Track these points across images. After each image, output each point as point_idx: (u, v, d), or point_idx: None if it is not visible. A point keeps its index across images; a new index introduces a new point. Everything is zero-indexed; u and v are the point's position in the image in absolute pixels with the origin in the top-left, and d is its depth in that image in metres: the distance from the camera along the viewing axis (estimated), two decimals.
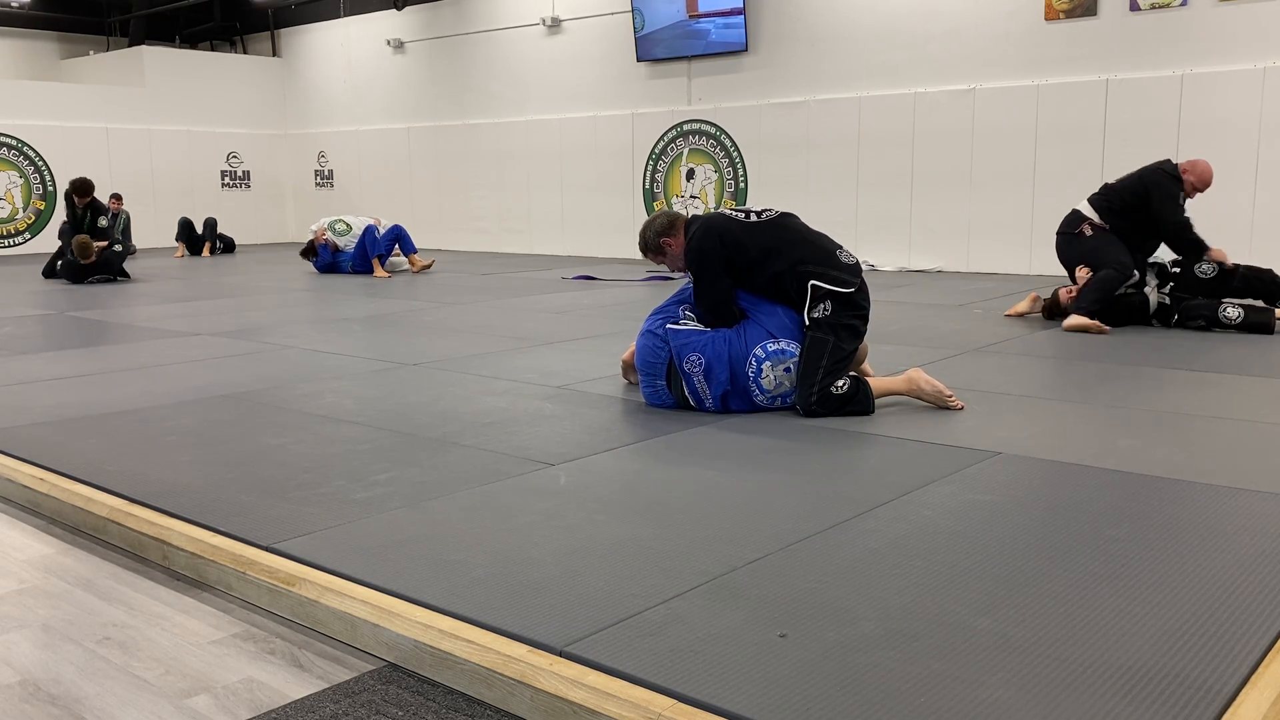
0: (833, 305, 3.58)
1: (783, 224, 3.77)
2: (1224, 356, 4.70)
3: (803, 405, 3.55)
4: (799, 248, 3.67)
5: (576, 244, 11.76)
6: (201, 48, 15.81)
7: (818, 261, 3.64)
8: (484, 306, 6.96)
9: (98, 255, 8.97)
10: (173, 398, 4.04)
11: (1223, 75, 7.68)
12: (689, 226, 3.80)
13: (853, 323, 3.61)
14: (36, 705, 1.82)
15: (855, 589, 2.04)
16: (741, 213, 3.81)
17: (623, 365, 4.14)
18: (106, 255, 9.12)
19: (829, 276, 3.60)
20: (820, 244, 3.73)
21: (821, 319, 3.57)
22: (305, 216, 14.69)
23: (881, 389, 3.67)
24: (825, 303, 3.58)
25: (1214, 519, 2.45)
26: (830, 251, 3.69)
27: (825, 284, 3.59)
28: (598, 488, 2.78)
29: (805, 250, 3.67)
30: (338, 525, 2.48)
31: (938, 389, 3.62)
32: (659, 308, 3.83)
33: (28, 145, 12.71)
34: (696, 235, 3.72)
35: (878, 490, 2.71)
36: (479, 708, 1.76)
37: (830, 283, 3.59)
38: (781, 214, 3.83)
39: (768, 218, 3.78)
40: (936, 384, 3.64)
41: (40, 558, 2.56)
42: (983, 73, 8.79)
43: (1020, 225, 8.72)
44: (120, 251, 9.37)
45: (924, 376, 3.66)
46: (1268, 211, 7.49)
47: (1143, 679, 1.66)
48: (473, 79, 12.67)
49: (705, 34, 10.31)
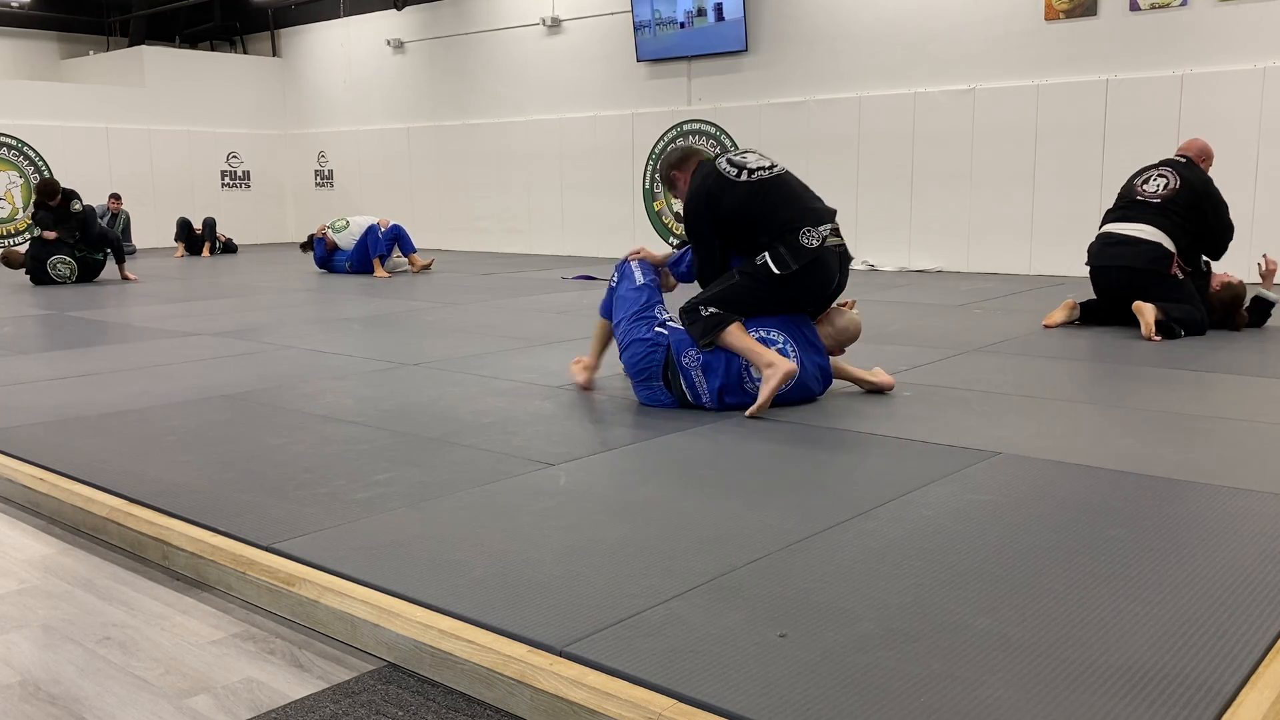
0: (766, 275, 3.67)
1: (770, 188, 3.74)
2: (1224, 356, 4.70)
3: (683, 306, 3.75)
4: (775, 220, 3.69)
5: (576, 244, 11.76)
6: (201, 48, 15.82)
7: (782, 233, 3.67)
8: (484, 306, 6.95)
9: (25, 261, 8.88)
10: (173, 398, 4.04)
11: (1222, 75, 7.68)
12: (698, 170, 3.83)
13: (770, 294, 3.69)
14: (36, 705, 1.82)
15: (855, 589, 2.04)
16: (736, 168, 3.76)
17: (574, 370, 4.14)
18: (34, 251, 8.93)
19: (777, 257, 3.66)
20: (793, 215, 3.71)
21: (755, 269, 3.68)
22: (305, 216, 14.70)
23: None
24: (765, 263, 3.67)
25: (1214, 519, 2.45)
26: (796, 228, 3.67)
27: (771, 263, 3.66)
28: (598, 488, 2.78)
29: (779, 223, 3.69)
30: (338, 525, 2.48)
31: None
32: (634, 314, 3.78)
33: (28, 145, 12.71)
34: (690, 191, 3.82)
35: (878, 490, 2.71)
36: (479, 708, 1.76)
37: (774, 262, 3.65)
38: (774, 177, 3.78)
39: (759, 178, 3.74)
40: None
41: (40, 558, 2.56)
42: (983, 73, 8.79)
43: (1020, 225, 8.72)
44: (100, 259, 9.21)
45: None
46: (1268, 211, 7.49)
47: (1143, 679, 1.66)
48: (473, 79, 12.67)
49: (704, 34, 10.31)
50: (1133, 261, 5.41)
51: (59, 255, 8.95)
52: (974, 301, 6.88)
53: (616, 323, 3.82)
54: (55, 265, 8.93)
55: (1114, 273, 5.51)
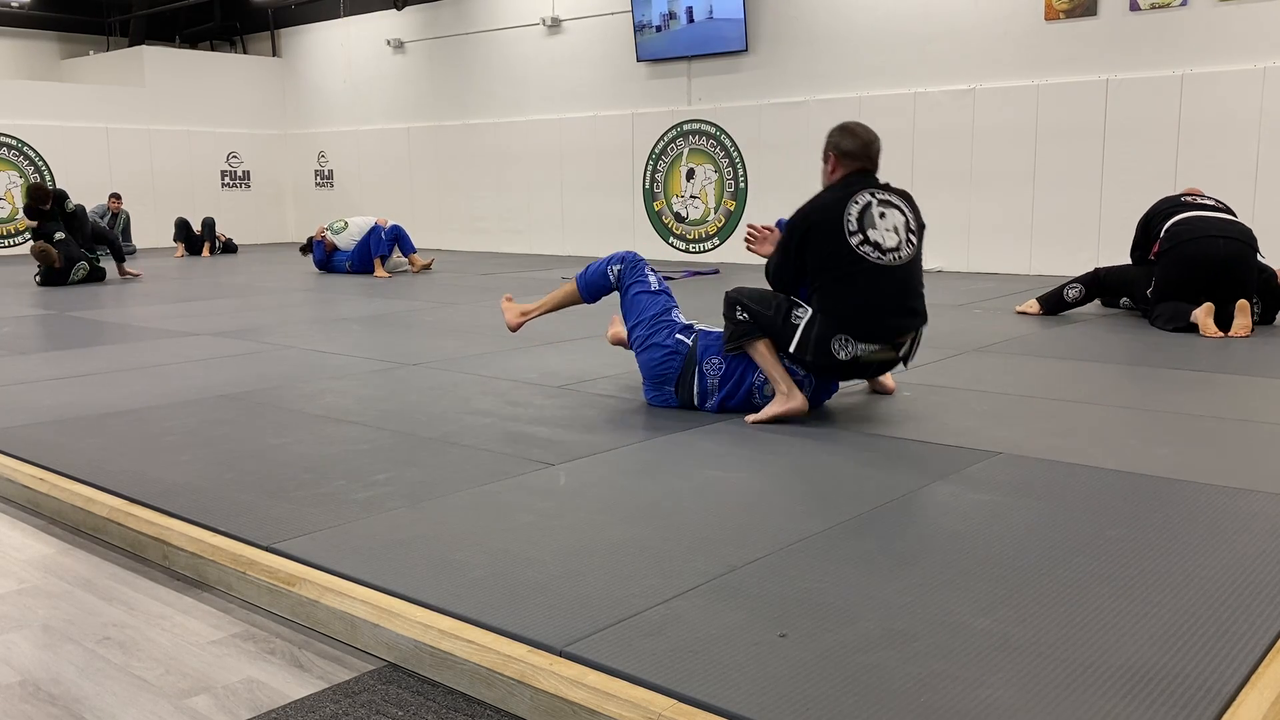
0: (788, 335, 3.46)
1: (871, 276, 3.36)
2: (1224, 356, 4.70)
3: (730, 292, 3.56)
4: (839, 304, 3.38)
5: (576, 244, 11.76)
6: (201, 48, 15.81)
7: (830, 321, 3.39)
8: (484, 306, 6.95)
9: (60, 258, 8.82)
10: (173, 398, 4.04)
11: (1223, 75, 7.68)
12: (837, 188, 3.48)
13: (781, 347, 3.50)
14: (36, 705, 1.82)
15: (855, 589, 2.04)
16: (858, 230, 3.34)
17: (506, 307, 4.18)
18: (68, 253, 8.87)
19: (805, 335, 3.43)
20: (851, 315, 3.38)
21: (788, 317, 3.47)
22: (305, 216, 14.70)
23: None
24: (795, 325, 3.46)
25: (1214, 519, 2.45)
26: (840, 332, 3.39)
27: (796, 333, 3.44)
28: (598, 488, 2.78)
29: (838, 310, 3.39)
30: (338, 525, 2.48)
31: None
32: (652, 317, 3.72)
33: (28, 145, 12.71)
34: (812, 202, 3.47)
35: (878, 490, 2.71)
36: (479, 708, 1.76)
37: (798, 337, 3.43)
38: (884, 267, 3.37)
39: (867, 260, 3.34)
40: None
41: (40, 558, 2.56)
42: (983, 73, 8.79)
43: (1020, 225, 8.72)
44: (94, 260, 9.16)
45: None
46: (1268, 211, 7.49)
47: (1143, 679, 1.66)
48: (473, 79, 12.67)
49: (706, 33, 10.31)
50: (1240, 235, 5.49)
51: (79, 260, 8.98)
52: (974, 301, 6.88)
53: (632, 326, 3.78)
54: (80, 269, 8.95)
55: (1223, 243, 5.44)
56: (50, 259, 8.71)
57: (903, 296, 3.44)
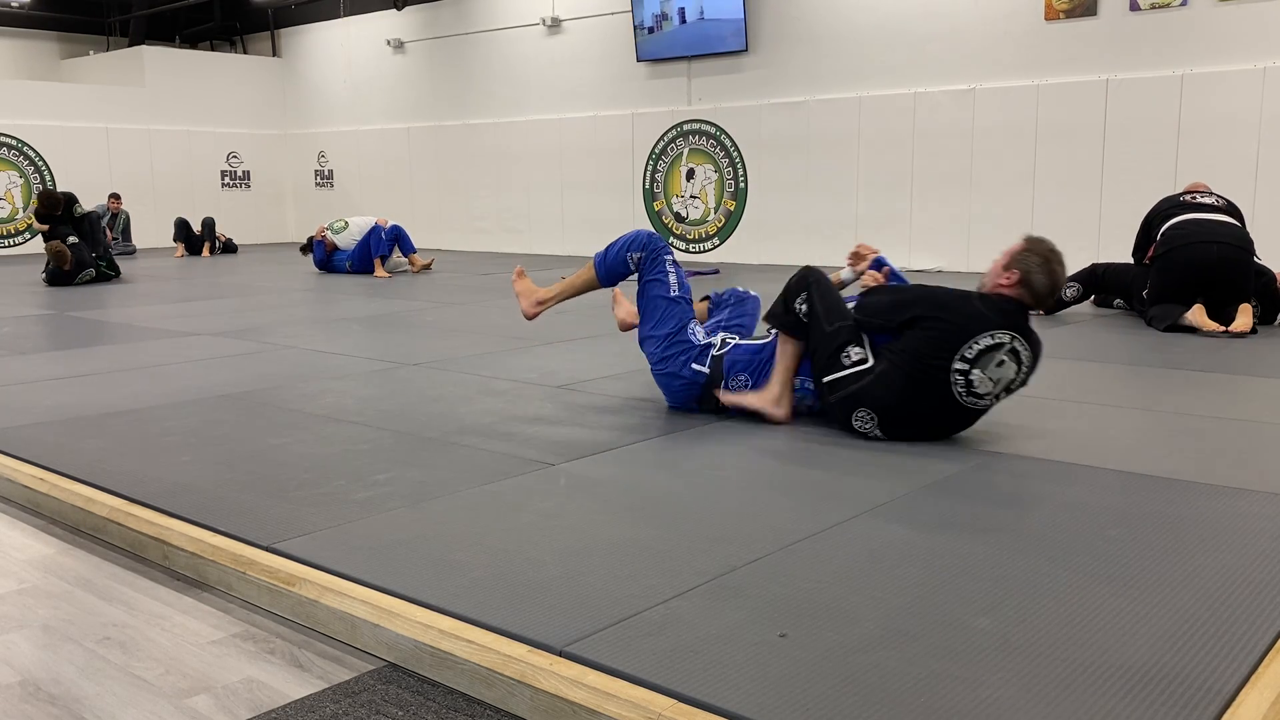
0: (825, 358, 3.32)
1: (941, 398, 3.14)
2: (1224, 356, 4.70)
3: (793, 279, 3.42)
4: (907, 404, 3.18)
5: (576, 244, 11.76)
6: (201, 48, 15.82)
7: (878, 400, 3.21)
8: (484, 306, 6.95)
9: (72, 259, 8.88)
10: (173, 398, 4.04)
11: (1223, 75, 7.68)
12: (993, 288, 3.27)
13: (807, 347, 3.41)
14: (36, 705, 1.82)
15: (855, 589, 2.04)
16: (972, 354, 3.08)
17: (522, 288, 3.90)
18: (80, 257, 8.93)
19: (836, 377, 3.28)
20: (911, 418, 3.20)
21: (839, 350, 3.29)
22: (305, 216, 14.70)
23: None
24: (844, 361, 3.28)
25: (1214, 519, 2.45)
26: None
27: (825, 374, 3.31)
28: (598, 488, 2.78)
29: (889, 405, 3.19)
30: (338, 525, 2.48)
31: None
32: (666, 336, 3.59)
33: (28, 145, 12.72)
34: (936, 291, 3.26)
35: (878, 490, 2.71)
36: (479, 708, 1.76)
37: (830, 383, 3.30)
38: (988, 401, 3.18)
39: (963, 397, 3.13)
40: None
41: (40, 558, 2.56)
42: (983, 73, 8.79)
43: (1020, 225, 8.70)
44: (98, 258, 9.18)
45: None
46: (1268, 211, 7.49)
47: (1143, 679, 1.66)
48: (473, 79, 12.67)
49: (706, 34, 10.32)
50: (1234, 240, 5.49)
51: (88, 266, 9.01)
52: None
53: (645, 333, 3.69)
54: (86, 274, 8.98)
55: (1215, 248, 5.43)
56: (64, 260, 8.79)
57: (957, 426, 3.28)
